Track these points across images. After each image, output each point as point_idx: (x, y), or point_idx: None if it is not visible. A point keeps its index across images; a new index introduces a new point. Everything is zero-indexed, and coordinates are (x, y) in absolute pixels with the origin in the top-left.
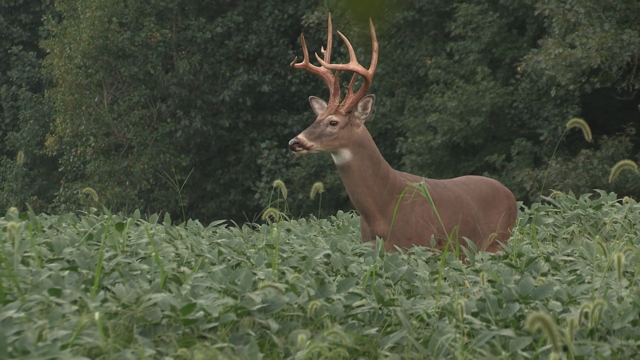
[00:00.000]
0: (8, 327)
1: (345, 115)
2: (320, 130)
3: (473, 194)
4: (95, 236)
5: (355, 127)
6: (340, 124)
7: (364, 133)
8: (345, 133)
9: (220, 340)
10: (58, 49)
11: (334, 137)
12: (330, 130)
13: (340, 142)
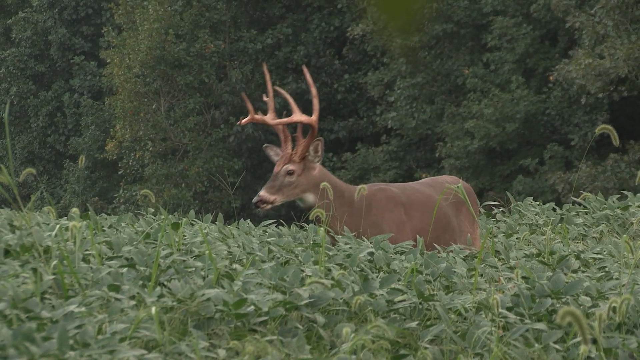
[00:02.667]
0: (70, 321)
1: (300, 162)
2: (279, 183)
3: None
4: (152, 235)
5: (312, 170)
6: (297, 172)
7: (321, 172)
8: (304, 179)
9: (269, 334)
10: (118, 59)
11: (294, 185)
12: (289, 180)
13: (301, 188)
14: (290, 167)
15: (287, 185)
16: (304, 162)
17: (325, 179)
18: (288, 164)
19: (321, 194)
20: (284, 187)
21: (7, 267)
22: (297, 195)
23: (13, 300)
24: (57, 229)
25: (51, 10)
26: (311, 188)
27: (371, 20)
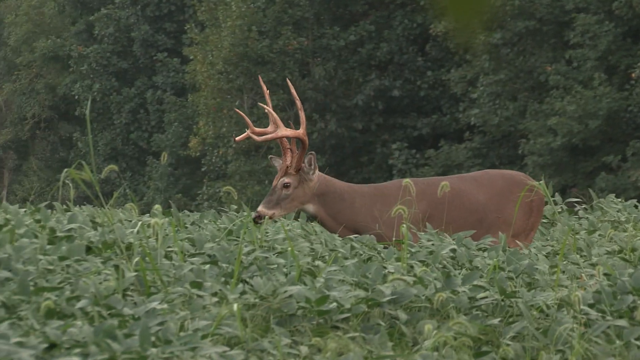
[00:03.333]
0: (152, 318)
1: (296, 174)
2: (277, 197)
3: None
4: (234, 232)
5: (309, 181)
6: (294, 184)
7: (319, 183)
8: (301, 191)
9: (352, 330)
10: (201, 55)
11: (291, 198)
12: (285, 193)
13: (299, 200)
14: (286, 180)
15: (285, 199)
16: (300, 175)
17: (324, 188)
18: (284, 177)
19: (319, 203)
20: (282, 201)
21: (89, 264)
22: (296, 207)
23: (95, 297)
24: (139, 226)
25: (134, 6)
26: (310, 199)
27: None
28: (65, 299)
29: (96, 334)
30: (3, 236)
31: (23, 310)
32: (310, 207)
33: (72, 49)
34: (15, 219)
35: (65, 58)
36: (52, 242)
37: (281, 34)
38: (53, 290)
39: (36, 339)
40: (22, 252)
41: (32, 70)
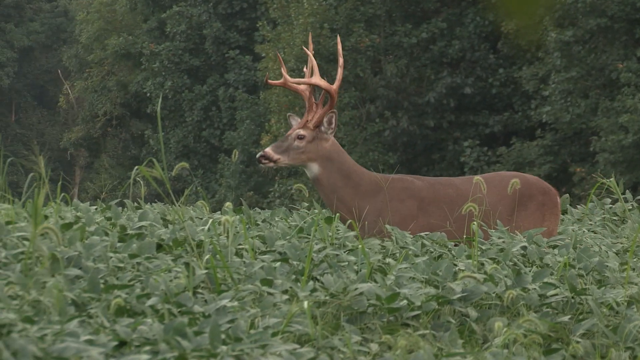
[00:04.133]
0: (222, 316)
1: (313, 129)
2: (287, 144)
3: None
4: (305, 229)
5: (324, 141)
6: (308, 138)
7: (333, 147)
8: (313, 147)
9: (422, 328)
10: (272, 53)
11: (301, 150)
12: (297, 144)
13: (307, 155)
14: (302, 132)
15: (295, 149)
16: (317, 131)
17: (335, 155)
18: (300, 129)
19: (326, 167)
20: (291, 150)
21: (159, 261)
22: (302, 161)
23: (165, 294)
24: (210, 224)
25: (206, 4)
26: (318, 158)
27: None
28: (135, 297)
29: (166, 332)
30: (74, 234)
31: (93, 308)
32: (315, 167)
33: (144, 47)
34: (86, 216)
35: (137, 55)
36: (123, 240)
37: (353, 31)
38: (123, 288)
39: (106, 336)
40: (93, 249)
41: (104, 68)
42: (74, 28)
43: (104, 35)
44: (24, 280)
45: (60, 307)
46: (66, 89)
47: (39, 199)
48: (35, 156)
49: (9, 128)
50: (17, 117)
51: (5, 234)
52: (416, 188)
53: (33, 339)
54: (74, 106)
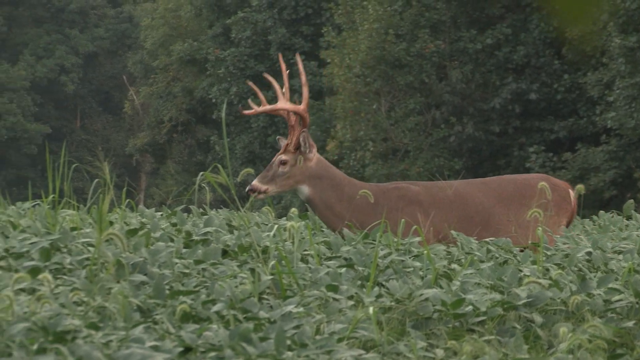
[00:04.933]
0: (288, 321)
1: (295, 152)
2: (272, 173)
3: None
4: (371, 235)
5: (308, 161)
6: (291, 162)
7: (318, 165)
8: (297, 170)
9: (487, 333)
10: (338, 59)
11: (287, 176)
12: (282, 170)
13: (295, 179)
14: (284, 157)
15: (280, 176)
16: (299, 153)
17: (323, 172)
18: (282, 154)
19: (316, 186)
20: (277, 177)
21: (225, 267)
22: (291, 186)
23: (231, 300)
24: (276, 229)
25: (271, 10)
26: (306, 180)
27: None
28: (201, 303)
29: (232, 338)
30: (139, 240)
31: (158, 314)
32: (304, 188)
33: (209, 52)
34: (151, 222)
35: (202, 61)
36: (188, 246)
37: (418, 37)
38: (189, 294)
39: (171, 342)
40: (158, 255)
41: (169, 74)
42: (139, 34)
43: (169, 41)
44: (89, 286)
45: (125, 313)
46: (131, 95)
47: (104, 205)
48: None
49: (74, 134)
50: (82, 123)
51: (70, 240)
52: (413, 194)
53: (98, 345)
54: (139, 112)
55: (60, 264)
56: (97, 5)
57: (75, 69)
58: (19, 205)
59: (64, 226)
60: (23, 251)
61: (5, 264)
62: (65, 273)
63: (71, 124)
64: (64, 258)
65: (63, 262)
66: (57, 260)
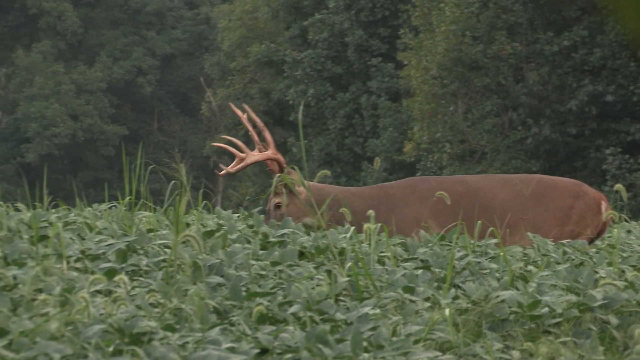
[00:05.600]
0: (364, 323)
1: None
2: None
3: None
4: (447, 237)
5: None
6: (284, 202)
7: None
8: (293, 207)
9: (563, 335)
10: (415, 61)
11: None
12: (280, 214)
13: (294, 216)
14: (277, 201)
15: (280, 219)
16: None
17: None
18: (274, 198)
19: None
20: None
21: (302, 269)
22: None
23: (307, 302)
24: (352, 231)
25: (348, 12)
26: (305, 212)
27: None
28: (277, 304)
29: (308, 339)
30: (216, 241)
31: (235, 316)
32: (308, 220)
33: (286, 54)
34: (228, 224)
35: (279, 63)
36: (265, 248)
37: (495, 39)
38: (265, 296)
39: (248, 344)
40: (235, 257)
41: (246, 75)
42: (216, 35)
43: (246, 42)
44: (165, 288)
45: (201, 315)
46: (208, 97)
47: (181, 207)
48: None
49: (151, 136)
50: (160, 125)
51: (146, 242)
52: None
53: (174, 347)
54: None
55: (136, 265)
56: (174, 6)
57: (152, 70)
58: (96, 207)
59: (140, 228)
60: (99, 253)
61: (82, 265)
62: (141, 275)
63: (148, 125)
64: (140, 260)
65: (139, 264)
66: (133, 262)
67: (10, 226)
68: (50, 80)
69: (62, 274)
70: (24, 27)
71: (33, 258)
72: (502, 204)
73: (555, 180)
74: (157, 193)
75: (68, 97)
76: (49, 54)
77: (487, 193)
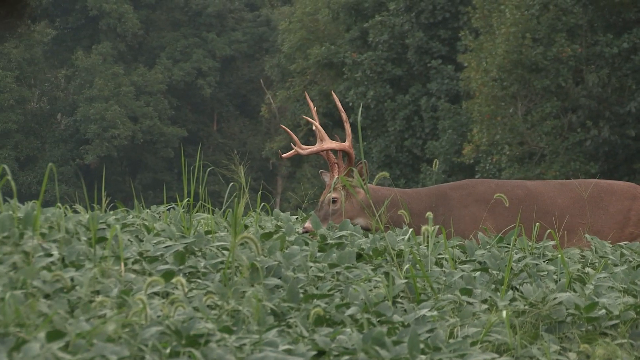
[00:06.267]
0: (421, 325)
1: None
2: (324, 213)
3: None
4: (505, 239)
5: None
6: (341, 199)
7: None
8: (349, 205)
9: (620, 337)
10: (475, 62)
11: (339, 213)
12: (333, 209)
13: (347, 215)
14: (334, 195)
15: (333, 214)
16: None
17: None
18: (331, 192)
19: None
20: (329, 217)
21: (359, 270)
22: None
23: (365, 304)
24: (410, 233)
25: (408, 14)
26: (359, 213)
27: None
28: (334, 306)
29: (365, 341)
30: (274, 243)
31: (292, 318)
32: (360, 220)
33: (346, 56)
34: (286, 226)
35: (340, 65)
36: (323, 250)
37: (555, 41)
38: (323, 298)
39: (305, 346)
40: (293, 259)
41: (306, 77)
42: (276, 37)
43: (307, 44)
44: (223, 289)
45: (259, 317)
46: (268, 99)
47: (239, 209)
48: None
49: (210, 137)
50: (219, 127)
51: (205, 244)
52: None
53: (231, 349)
54: (276, 115)
55: (194, 267)
56: (234, 8)
57: (212, 72)
58: (154, 209)
59: (198, 230)
60: (157, 255)
61: (140, 267)
62: (199, 277)
63: (208, 127)
64: (198, 262)
65: (197, 266)
66: (191, 264)
67: (69, 228)
68: (110, 82)
69: (119, 276)
70: (85, 29)
71: (91, 260)
72: (560, 208)
73: (612, 184)
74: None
75: (128, 98)
76: (109, 55)
77: (546, 197)
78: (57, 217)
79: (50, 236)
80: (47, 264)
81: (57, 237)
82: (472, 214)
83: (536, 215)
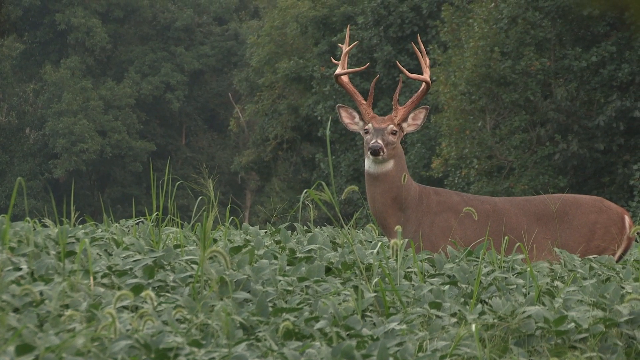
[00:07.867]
0: (391, 339)
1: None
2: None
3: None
4: (474, 253)
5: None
6: (398, 135)
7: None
8: (398, 144)
9: (589, 350)
10: (443, 76)
11: (394, 146)
12: (392, 139)
13: (395, 151)
14: (395, 128)
15: (391, 144)
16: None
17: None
18: (391, 125)
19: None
20: (389, 145)
21: (328, 284)
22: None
23: (334, 318)
24: (379, 247)
25: (376, 27)
26: (396, 156)
27: None
28: (304, 320)
29: (334, 355)
30: (243, 257)
31: (261, 331)
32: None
33: (314, 70)
34: (255, 239)
35: (308, 79)
36: (292, 263)
37: (523, 54)
38: (292, 311)
39: (274, 359)
40: (262, 273)
41: (275, 91)
42: (245, 51)
43: (275, 58)
44: (192, 303)
45: (228, 331)
46: (237, 113)
47: (208, 223)
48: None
49: (179, 151)
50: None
51: (174, 258)
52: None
53: None
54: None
55: (163, 281)
56: (203, 22)
57: (180, 86)
58: (123, 223)
59: (167, 244)
60: (126, 269)
61: (109, 281)
62: (168, 290)
63: (176, 141)
64: (167, 275)
65: (166, 280)
66: (160, 278)
67: (38, 242)
68: (78, 96)
69: (89, 290)
70: (53, 43)
71: (60, 274)
72: (526, 225)
73: (577, 198)
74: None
75: (96, 112)
76: (77, 69)
77: (512, 215)
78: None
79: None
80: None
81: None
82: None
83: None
